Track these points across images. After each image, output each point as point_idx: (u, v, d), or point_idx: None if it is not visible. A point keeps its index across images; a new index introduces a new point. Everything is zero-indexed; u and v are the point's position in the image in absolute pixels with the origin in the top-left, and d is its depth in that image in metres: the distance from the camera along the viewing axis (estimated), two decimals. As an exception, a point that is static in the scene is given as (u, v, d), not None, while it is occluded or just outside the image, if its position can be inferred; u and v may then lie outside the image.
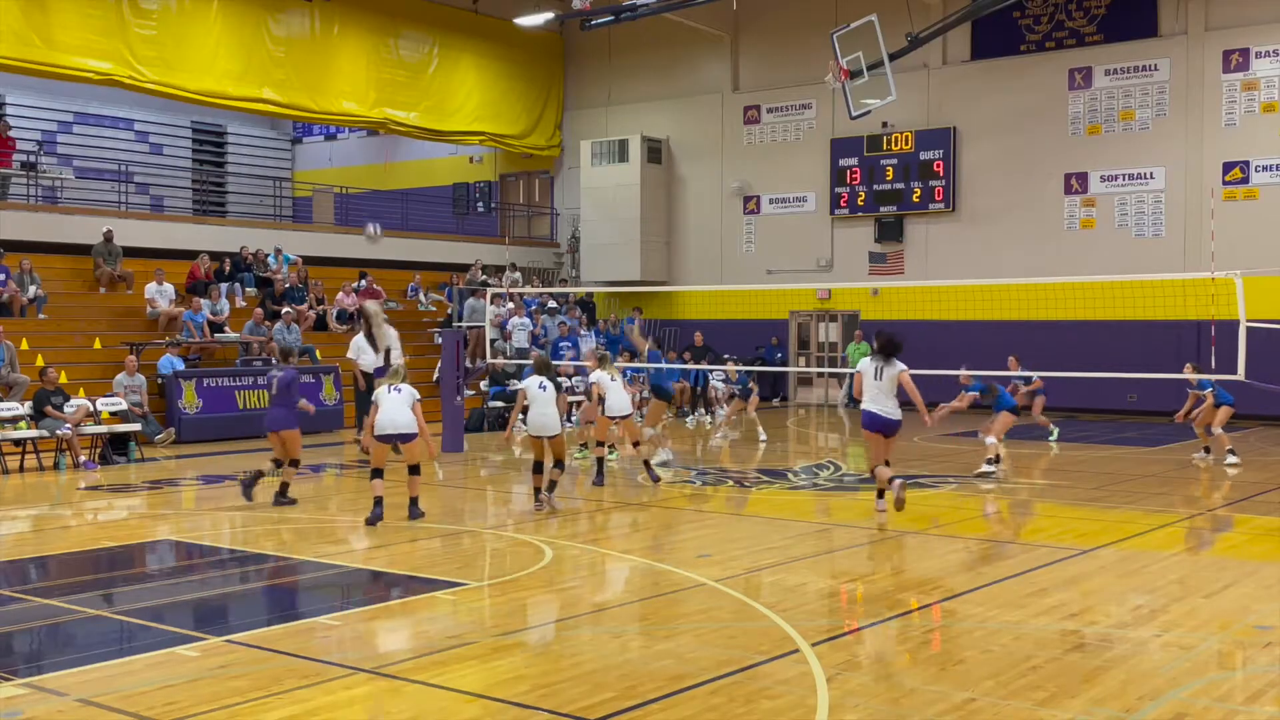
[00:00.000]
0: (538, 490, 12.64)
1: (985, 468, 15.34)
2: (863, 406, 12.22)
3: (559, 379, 12.80)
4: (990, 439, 15.62)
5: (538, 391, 12.55)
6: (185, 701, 6.24)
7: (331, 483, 15.24)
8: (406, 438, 11.91)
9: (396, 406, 11.87)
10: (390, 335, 17.89)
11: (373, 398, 12.17)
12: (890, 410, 11.90)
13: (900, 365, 11.89)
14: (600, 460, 14.80)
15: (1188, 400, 17.39)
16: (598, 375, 14.52)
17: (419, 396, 12.04)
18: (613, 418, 14.53)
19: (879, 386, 11.91)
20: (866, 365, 12.08)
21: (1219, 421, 16.66)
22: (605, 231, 29.96)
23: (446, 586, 9.04)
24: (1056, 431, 19.86)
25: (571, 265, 31.87)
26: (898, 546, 10.92)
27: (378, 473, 11.91)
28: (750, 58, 29.51)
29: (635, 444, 15.56)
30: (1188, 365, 17.58)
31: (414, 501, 12.15)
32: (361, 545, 10.95)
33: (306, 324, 23.32)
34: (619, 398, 14.42)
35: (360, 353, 19.33)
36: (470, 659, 7.09)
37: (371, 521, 11.67)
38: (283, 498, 12.87)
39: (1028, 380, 18.79)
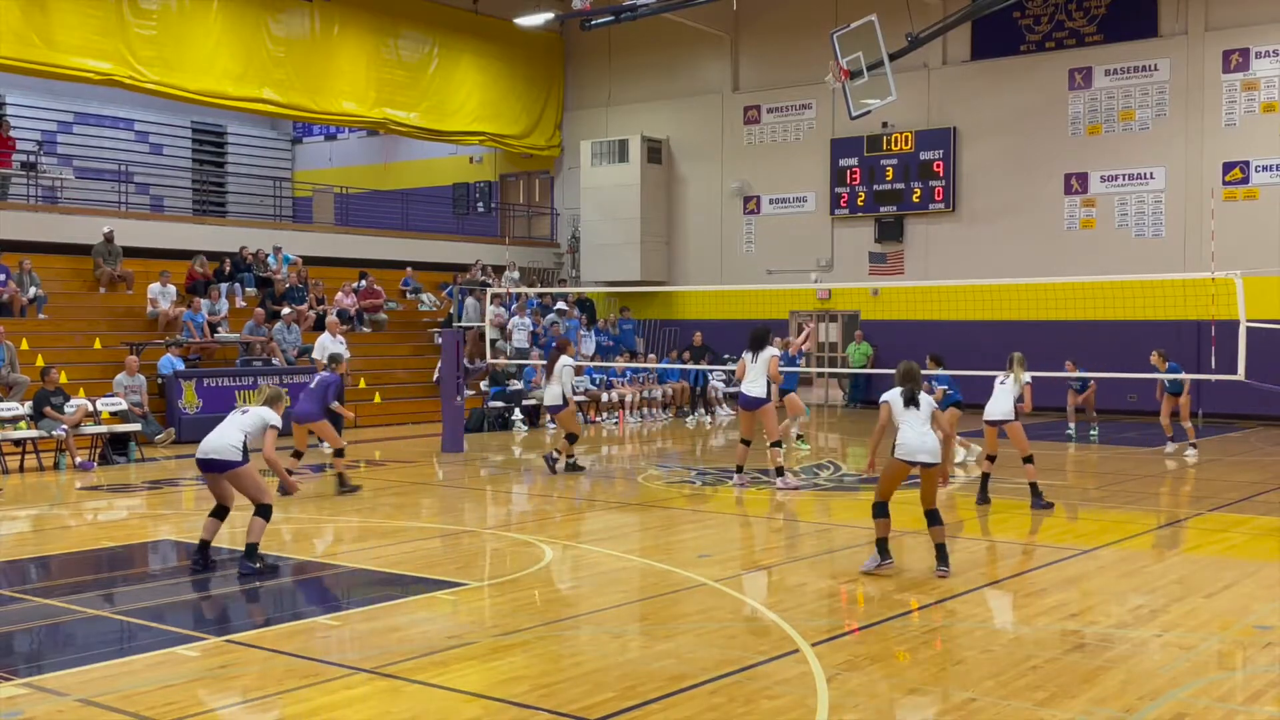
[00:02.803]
0: (883, 542, 9.56)
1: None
2: (740, 389, 14.63)
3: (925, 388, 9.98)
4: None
5: (906, 410, 9.55)
6: (185, 701, 6.23)
7: (330, 483, 15.22)
8: (221, 466, 9.43)
9: (224, 427, 9.58)
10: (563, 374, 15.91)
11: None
12: (755, 390, 14.31)
13: (772, 350, 14.35)
14: (986, 477, 13.23)
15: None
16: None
17: (273, 423, 9.71)
18: (991, 422, 12.96)
19: (755, 369, 14.35)
20: (747, 355, 14.39)
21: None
22: (605, 231, 29.97)
23: (446, 586, 9.04)
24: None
25: (571, 265, 31.88)
26: (898, 547, 10.90)
27: (217, 509, 9.72)
28: (750, 58, 29.51)
29: (990, 458, 13.37)
30: (929, 358, 17.59)
31: (249, 551, 9.47)
32: (361, 545, 10.94)
33: (306, 324, 23.31)
34: (1000, 402, 12.86)
35: (324, 353, 19.32)
36: (470, 659, 7.09)
37: (193, 568, 9.62)
38: (343, 487, 13.82)
39: (1084, 384, 20.22)
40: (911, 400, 9.50)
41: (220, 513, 9.73)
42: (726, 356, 25.92)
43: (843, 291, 27.41)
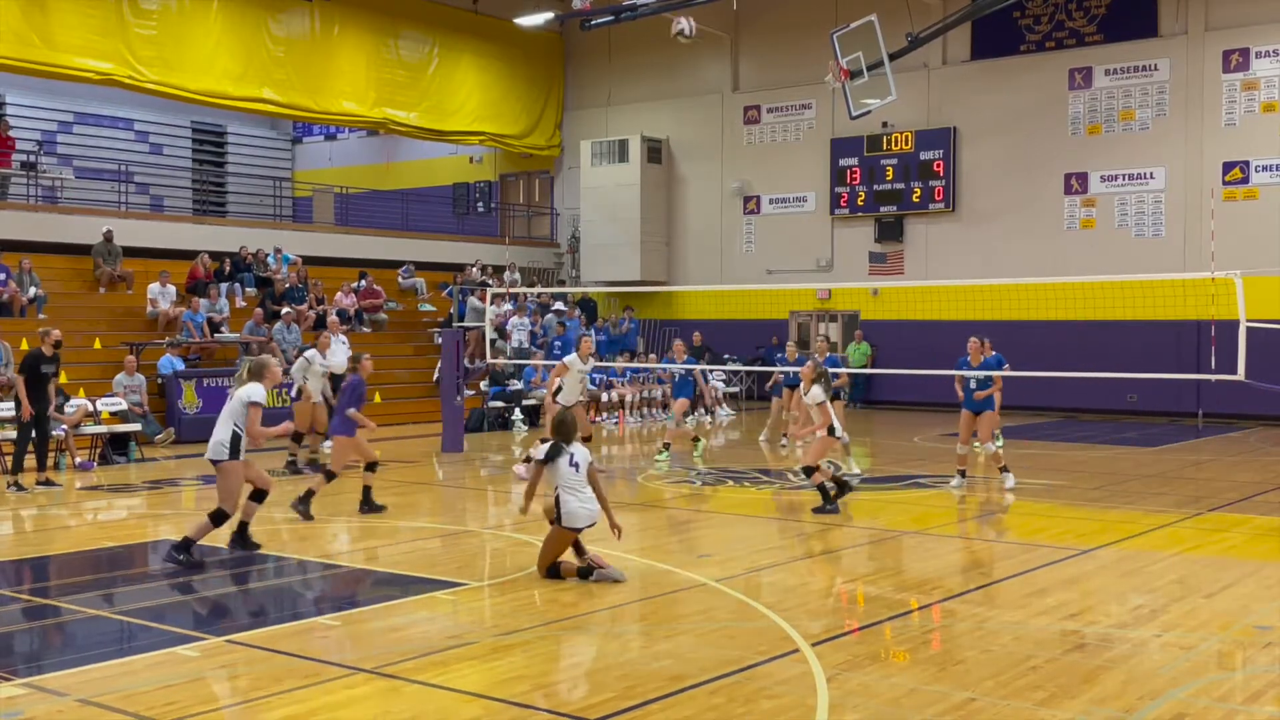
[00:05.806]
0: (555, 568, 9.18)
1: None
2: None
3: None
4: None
5: (569, 471, 8.98)
6: (185, 701, 6.23)
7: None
8: (214, 462, 9.69)
9: (219, 421, 9.67)
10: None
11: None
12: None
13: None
14: (823, 486, 12.39)
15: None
16: (816, 393, 12.22)
17: (253, 400, 9.52)
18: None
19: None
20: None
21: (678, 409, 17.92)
22: (605, 231, 29.97)
23: (446, 586, 9.04)
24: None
25: (571, 265, 31.88)
26: (898, 546, 10.92)
27: (254, 493, 10.09)
28: (750, 58, 29.51)
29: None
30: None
31: (183, 542, 9.74)
32: (361, 545, 10.94)
33: (306, 324, 23.31)
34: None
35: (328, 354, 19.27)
36: (470, 659, 7.09)
37: (230, 546, 10.11)
38: (367, 506, 12.33)
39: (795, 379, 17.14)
40: (573, 462, 8.91)
41: (258, 496, 10.09)
42: (726, 357, 25.95)
43: (843, 291, 27.41)
